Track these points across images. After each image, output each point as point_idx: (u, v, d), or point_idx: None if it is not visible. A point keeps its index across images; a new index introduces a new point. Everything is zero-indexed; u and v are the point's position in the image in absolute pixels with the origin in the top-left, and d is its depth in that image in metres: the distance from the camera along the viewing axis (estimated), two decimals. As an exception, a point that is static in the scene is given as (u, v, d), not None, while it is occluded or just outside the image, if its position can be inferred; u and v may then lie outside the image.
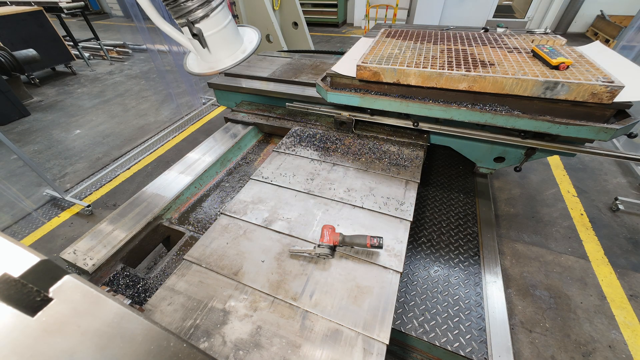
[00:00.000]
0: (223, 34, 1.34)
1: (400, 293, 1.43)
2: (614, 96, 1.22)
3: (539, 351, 1.65)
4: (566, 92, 1.27)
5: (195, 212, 1.66)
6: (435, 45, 1.73)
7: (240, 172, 1.96)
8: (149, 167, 3.20)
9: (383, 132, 1.89)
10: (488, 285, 1.46)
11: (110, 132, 3.85)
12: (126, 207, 1.52)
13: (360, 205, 1.38)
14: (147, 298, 1.22)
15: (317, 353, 0.90)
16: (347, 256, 1.17)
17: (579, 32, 6.68)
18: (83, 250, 1.29)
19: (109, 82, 5.30)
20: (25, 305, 0.42)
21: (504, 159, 1.81)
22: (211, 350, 0.91)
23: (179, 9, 1.20)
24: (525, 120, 1.35)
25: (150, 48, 3.89)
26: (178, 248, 1.44)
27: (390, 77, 1.52)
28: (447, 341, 1.26)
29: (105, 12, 11.64)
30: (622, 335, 1.71)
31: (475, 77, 1.37)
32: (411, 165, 1.62)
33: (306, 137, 1.86)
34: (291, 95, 2.12)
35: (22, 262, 0.44)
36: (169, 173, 1.76)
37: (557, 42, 1.73)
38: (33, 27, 4.78)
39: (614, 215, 2.43)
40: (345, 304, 1.02)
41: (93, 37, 6.00)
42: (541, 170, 2.92)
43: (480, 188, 2.02)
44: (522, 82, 1.31)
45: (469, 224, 1.77)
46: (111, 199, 2.81)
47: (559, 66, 1.34)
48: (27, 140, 3.76)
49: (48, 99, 4.78)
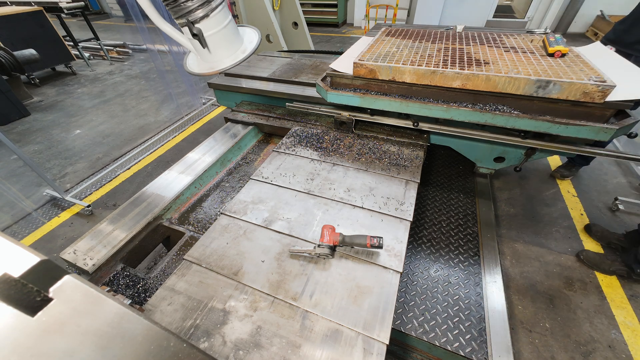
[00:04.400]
0: (223, 34, 1.34)
1: (400, 293, 1.43)
2: (605, 95, 1.23)
3: (539, 351, 1.65)
4: (558, 90, 1.27)
5: (195, 212, 1.66)
6: (433, 44, 1.73)
7: (240, 172, 1.96)
8: (149, 167, 3.20)
9: (383, 132, 1.89)
10: (488, 285, 1.46)
11: (110, 132, 3.85)
12: (126, 207, 1.52)
13: (360, 205, 1.38)
14: (147, 298, 1.22)
15: (317, 353, 0.90)
16: (347, 256, 1.17)
17: (579, 32, 6.68)
18: (83, 250, 1.29)
19: (109, 82, 5.30)
20: (25, 305, 0.42)
21: (504, 159, 1.81)
22: (211, 350, 0.91)
23: (179, 9, 1.20)
24: (525, 120, 1.35)
25: (150, 48, 3.89)
26: (178, 248, 1.44)
27: (386, 74, 1.52)
28: (447, 341, 1.26)
29: (105, 12, 11.64)
30: (622, 335, 1.71)
31: (469, 75, 1.37)
32: (411, 165, 1.62)
33: (306, 137, 1.86)
34: (291, 95, 2.12)
35: (22, 262, 0.44)
36: (169, 173, 1.76)
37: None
38: (33, 27, 4.78)
39: (613, 215, 2.43)
40: (345, 304, 1.02)
41: (93, 37, 6.00)
42: (541, 170, 2.92)
43: (480, 188, 2.02)
44: (515, 81, 1.31)
45: (469, 224, 1.77)
46: (111, 199, 2.81)
47: (554, 54, 1.46)
48: (27, 140, 3.76)
49: (48, 99, 4.77)
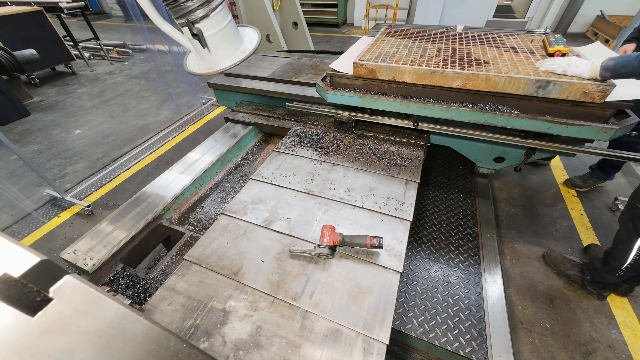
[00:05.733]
0: (223, 34, 1.34)
1: (400, 293, 1.43)
2: (605, 95, 1.23)
3: (539, 351, 1.65)
4: (558, 90, 1.27)
5: (195, 212, 1.66)
6: (433, 44, 1.73)
7: (240, 172, 1.96)
8: (149, 167, 3.20)
9: (383, 132, 1.89)
10: (488, 285, 1.46)
11: (110, 132, 3.85)
12: (126, 207, 1.52)
13: (360, 205, 1.38)
14: (147, 298, 1.22)
15: (317, 353, 0.90)
16: (347, 256, 1.17)
17: (579, 32, 6.68)
18: (83, 250, 1.29)
19: (109, 82, 5.30)
20: (25, 305, 0.42)
21: (504, 159, 1.81)
22: (211, 350, 0.91)
23: (179, 9, 1.20)
24: (525, 120, 1.35)
25: (150, 48, 3.89)
26: (178, 248, 1.44)
27: (386, 74, 1.52)
28: (447, 341, 1.26)
29: (105, 12, 11.64)
30: (622, 335, 1.71)
31: (469, 75, 1.37)
32: (411, 165, 1.62)
33: (306, 137, 1.86)
34: (291, 95, 2.12)
35: (22, 262, 0.43)
36: (169, 173, 1.76)
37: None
38: (33, 27, 4.77)
39: (614, 215, 2.43)
40: (345, 304, 1.02)
41: (93, 37, 6.00)
42: (541, 170, 2.92)
43: (480, 188, 2.02)
44: (515, 81, 1.31)
45: (469, 224, 1.77)
46: (111, 199, 2.81)
47: (554, 54, 1.46)
48: (27, 140, 3.76)
49: (48, 99, 4.77)
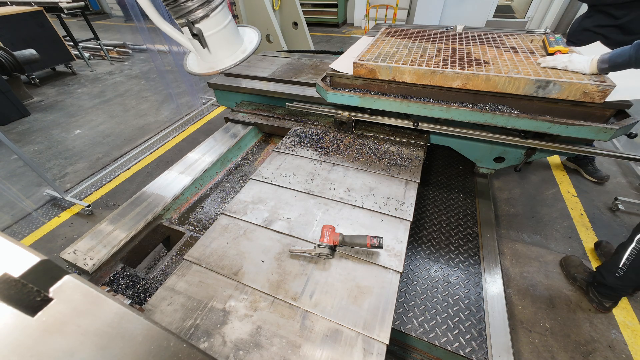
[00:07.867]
0: (223, 34, 1.34)
1: (400, 293, 1.43)
2: (605, 95, 1.22)
3: (539, 351, 1.65)
4: (558, 90, 1.27)
5: (195, 212, 1.66)
6: (433, 44, 1.73)
7: (240, 172, 1.96)
8: (149, 167, 3.20)
9: (383, 132, 1.89)
10: (488, 285, 1.46)
11: (111, 132, 3.85)
12: (126, 207, 1.52)
13: (360, 205, 1.38)
14: (147, 298, 1.22)
15: (317, 353, 0.90)
16: (347, 256, 1.17)
17: (579, 32, 6.67)
18: (83, 250, 1.29)
19: (109, 82, 5.30)
20: (25, 305, 0.42)
21: (504, 159, 1.81)
22: (211, 350, 0.91)
23: (179, 9, 1.20)
24: (525, 120, 1.35)
25: (150, 48, 3.88)
26: (178, 248, 1.44)
27: (386, 74, 1.52)
28: (447, 341, 1.26)
29: (105, 12, 11.64)
30: (622, 335, 1.71)
31: (469, 75, 1.37)
32: (411, 165, 1.62)
33: (306, 137, 1.86)
34: (291, 95, 2.12)
35: (22, 262, 0.44)
36: (169, 173, 1.76)
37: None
38: (33, 27, 4.77)
39: (613, 215, 2.43)
40: (345, 304, 1.02)
41: (93, 37, 6.00)
42: (541, 170, 2.92)
43: (480, 188, 2.02)
44: (515, 81, 1.31)
45: (469, 224, 1.77)
46: (111, 199, 2.81)
47: (554, 54, 1.45)
48: (27, 140, 3.76)
49: (48, 99, 4.77)
